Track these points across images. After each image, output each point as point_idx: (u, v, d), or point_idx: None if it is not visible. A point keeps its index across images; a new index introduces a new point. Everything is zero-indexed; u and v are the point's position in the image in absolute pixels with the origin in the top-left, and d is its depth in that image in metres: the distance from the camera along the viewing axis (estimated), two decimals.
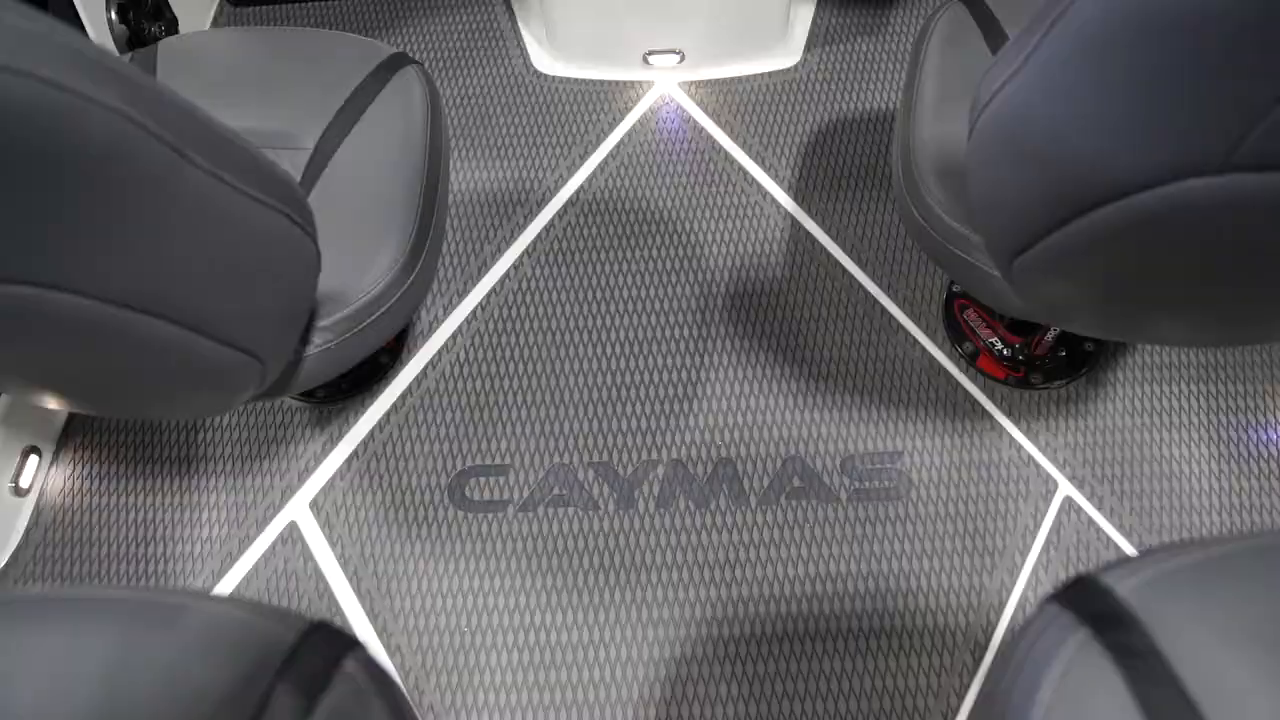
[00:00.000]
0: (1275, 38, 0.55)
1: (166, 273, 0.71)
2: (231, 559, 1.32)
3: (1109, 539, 1.30)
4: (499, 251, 1.55)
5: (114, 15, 1.61)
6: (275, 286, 0.84)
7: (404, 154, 1.13)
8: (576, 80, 1.76)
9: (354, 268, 1.04)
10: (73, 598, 0.61)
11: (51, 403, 0.90)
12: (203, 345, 0.79)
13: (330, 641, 0.58)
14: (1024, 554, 1.28)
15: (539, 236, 1.57)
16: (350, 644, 0.58)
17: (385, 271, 1.04)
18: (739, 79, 1.76)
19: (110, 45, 1.60)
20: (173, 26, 1.77)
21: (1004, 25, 1.20)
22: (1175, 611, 0.54)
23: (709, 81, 1.76)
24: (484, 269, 1.53)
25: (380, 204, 1.09)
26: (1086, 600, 0.55)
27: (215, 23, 1.90)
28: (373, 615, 1.28)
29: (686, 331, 1.47)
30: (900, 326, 1.47)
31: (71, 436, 1.43)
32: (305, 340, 1.00)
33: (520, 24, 1.85)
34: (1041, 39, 0.72)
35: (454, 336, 1.47)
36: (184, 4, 1.81)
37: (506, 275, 1.53)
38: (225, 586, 1.30)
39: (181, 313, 0.74)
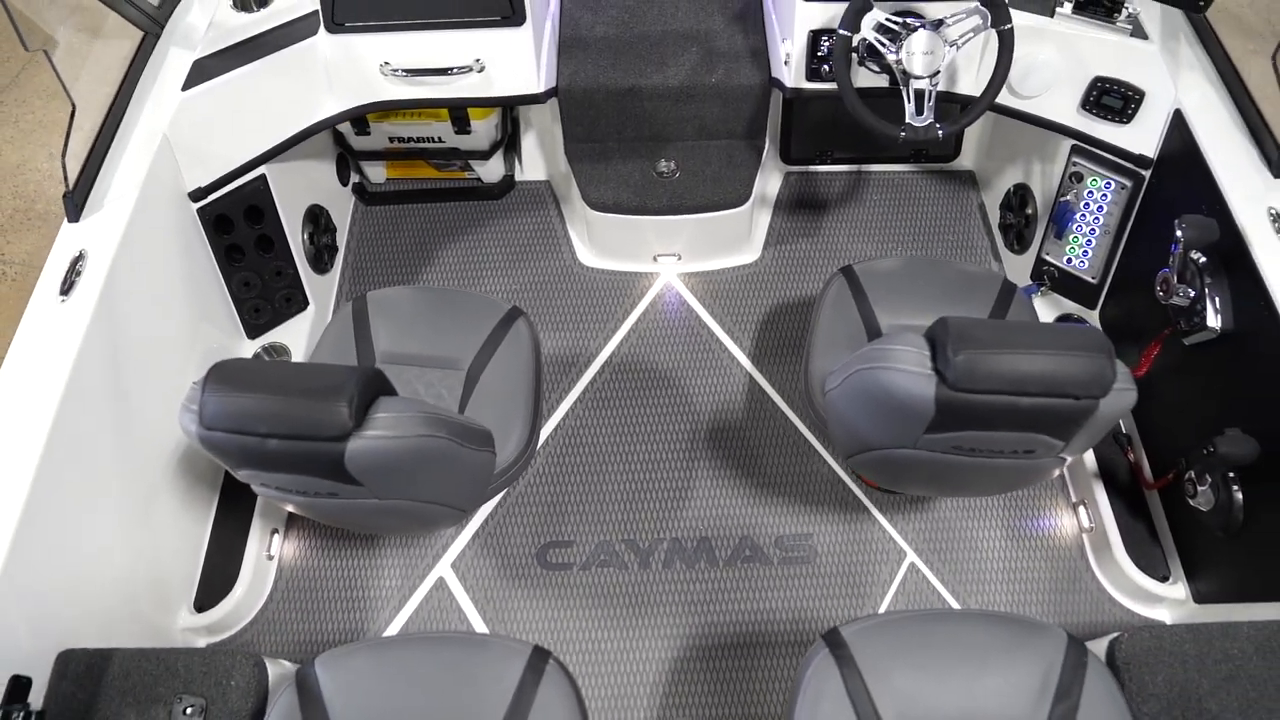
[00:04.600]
0: (905, 415, 1.40)
1: (446, 487, 1.56)
2: (403, 601, 2.16)
3: (937, 590, 2.15)
4: (560, 400, 2.40)
5: (306, 238, 2.47)
6: (482, 479, 1.69)
7: (522, 374, 1.97)
8: (608, 271, 2.62)
9: (497, 447, 1.88)
10: (434, 637, 1.46)
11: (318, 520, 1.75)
12: (441, 510, 1.64)
13: (541, 652, 1.43)
14: (882, 598, 2.14)
15: (585, 389, 2.42)
16: (548, 653, 1.44)
17: (515, 449, 1.88)
18: (717, 271, 2.62)
19: (304, 255, 2.45)
20: (335, 234, 2.62)
21: (868, 294, 2.05)
22: (864, 639, 1.40)
23: (697, 273, 2.61)
24: (552, 411, 2.39)
25: (509, 406, 1.93)
26: (832, 637, 1.41)
27: (354, 220, 2.76)
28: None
29: (680, 455, 2.32)
30: (816, 451, 2.32)
31: (294, 521, 2.28)
32: None
33: (569, 228, 2.70)
34: (843, 379, 1.57)
35: (535, 456, 2.32)
36: (338, 214, 2.66)
37: (566, 416, 2.38)
38: (400, 620, 2.14)
39: (444, 499, 1.60)
